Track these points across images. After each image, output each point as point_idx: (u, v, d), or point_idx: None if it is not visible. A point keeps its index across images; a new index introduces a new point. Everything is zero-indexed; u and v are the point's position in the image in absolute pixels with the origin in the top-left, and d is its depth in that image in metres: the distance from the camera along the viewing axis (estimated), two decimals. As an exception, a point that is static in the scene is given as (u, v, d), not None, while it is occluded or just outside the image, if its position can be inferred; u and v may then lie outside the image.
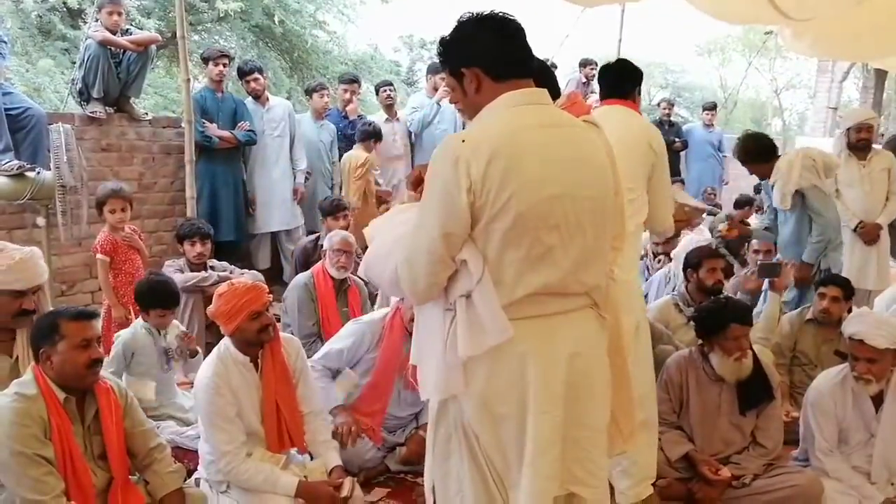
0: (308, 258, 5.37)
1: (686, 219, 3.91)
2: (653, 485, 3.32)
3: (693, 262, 4.41)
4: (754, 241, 5.41)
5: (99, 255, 4.22)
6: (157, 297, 3.71)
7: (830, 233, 4.51)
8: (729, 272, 4.85)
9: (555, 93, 2.32)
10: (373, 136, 6.62)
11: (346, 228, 5.31)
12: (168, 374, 3.66)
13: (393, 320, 3.52)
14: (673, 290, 4.77)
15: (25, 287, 3.00)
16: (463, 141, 1.83)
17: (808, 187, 4.45)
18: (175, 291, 3.82)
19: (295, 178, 6.71)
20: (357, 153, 6.62)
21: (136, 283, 3.86)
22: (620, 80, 3.21)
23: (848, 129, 5.26)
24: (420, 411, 3.65)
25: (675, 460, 3.33)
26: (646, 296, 4.82)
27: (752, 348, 3.38)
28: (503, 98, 1.89)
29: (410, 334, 3.44)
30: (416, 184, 2.09)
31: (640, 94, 3.32)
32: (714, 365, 3.35)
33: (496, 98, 1.90)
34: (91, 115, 5.83)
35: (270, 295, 3.09)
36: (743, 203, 8.24)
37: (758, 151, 4.70)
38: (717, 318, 3.33)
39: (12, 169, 4.96)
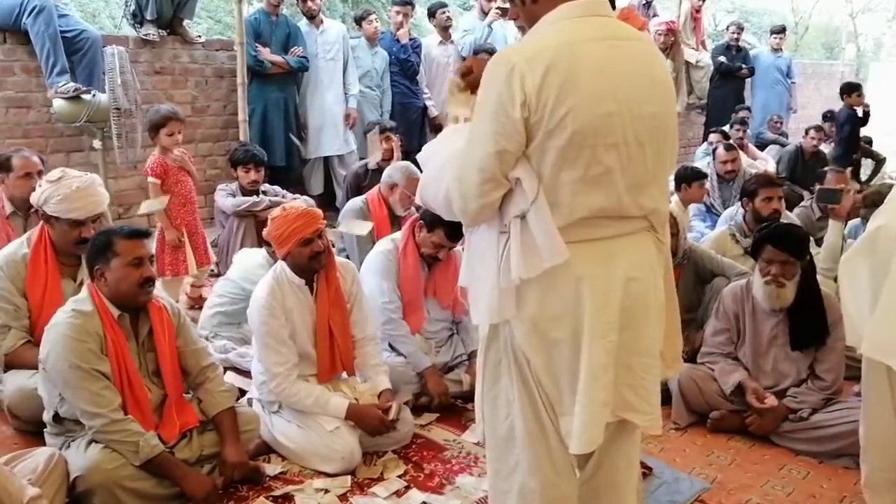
0: (359, 183, 5.34)
1: None
2: (707, 417, 3.29)
3: (749, 190, 4.27)
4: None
5: (150, 178, 4.25)
6: None
7: None
8: (795, 201, 4.72)
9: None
10: (493, 53, 6.49)
11: (391, 151, 5.26)
12: None
13: (406, 248, 3.48)
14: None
15: (83, 217, 3.06)
16: (517, 52, 1.74)
17: None
18: None
19: (347, 102, 6.65)
20: None
21: None
22: None
23: None
24: (457, 328, 3.68)
25: (730, 392, 3.27)
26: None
27: (812, 281, 3.25)
28: (560, 9, 1.79)
29: (422, 257, 3.46)
30: (465, 74, 2.00)
31: None
32: (754, 290, 3.25)
33: (553, 9, 1.79)
34: (144, 37, 5.84)
35: (324, 221, 3.05)
36: (831, 118, 8.31)
37: None
38: (759, 240, 3.24)
39: (69, 91, 5.03)
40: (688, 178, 5.36)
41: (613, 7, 2.05)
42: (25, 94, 5.33)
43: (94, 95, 5.06)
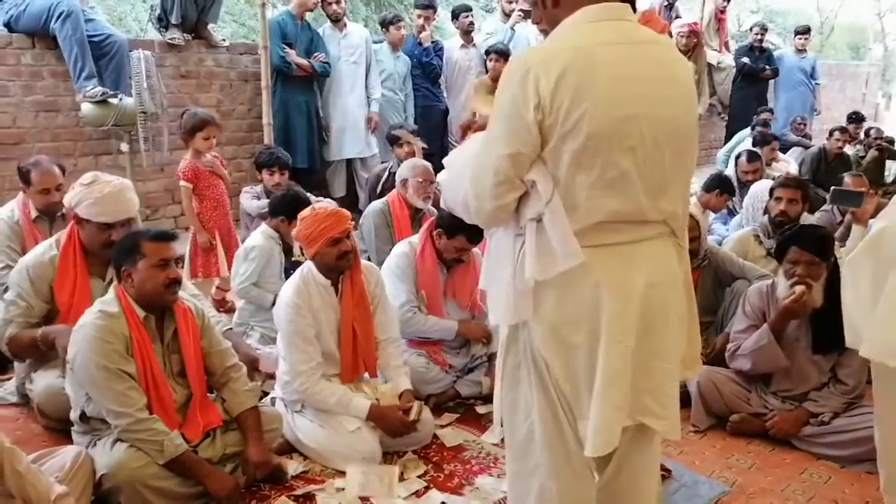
0: (381, 186, 5.38)
1: None
2: (726, 420, 3.28)
3: (770, 189, 4.26)
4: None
5: (182, 182, 4.31)
6: (301, 206, 3.85)
7: None
8: (818, 204, 4.69)
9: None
10: (504, 54, 6.54)
11: (413, 154, 5.29)
12: None
13: (424, 251, 3.51)
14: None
15: (112, 220, 3.11)
16: (533, 55, 1.76)
17: None
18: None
19: (369, 106, 6.69)
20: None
21: (276, 196, 4.03)
22: None
23: None
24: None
25: (752, 375, 3.30)
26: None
27: (835, 284, 3.23)
28: (581, 12, 1.80)
29: (441, 260, 3.49)
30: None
31: None
32: (779, 293, 3.23)
33: (575, 12, 1.80)
34: (170, 41, 5.91)
35: (352, 222, 3.10)
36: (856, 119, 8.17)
37: None
38: (782, 241, 3.23)
39: (96, 95, 5.11)
40: (720, 187, 5.30)
41: (634, 10, 2.06)
42: (54, 98, 5.42)
43: (120, 99, 5.14)
